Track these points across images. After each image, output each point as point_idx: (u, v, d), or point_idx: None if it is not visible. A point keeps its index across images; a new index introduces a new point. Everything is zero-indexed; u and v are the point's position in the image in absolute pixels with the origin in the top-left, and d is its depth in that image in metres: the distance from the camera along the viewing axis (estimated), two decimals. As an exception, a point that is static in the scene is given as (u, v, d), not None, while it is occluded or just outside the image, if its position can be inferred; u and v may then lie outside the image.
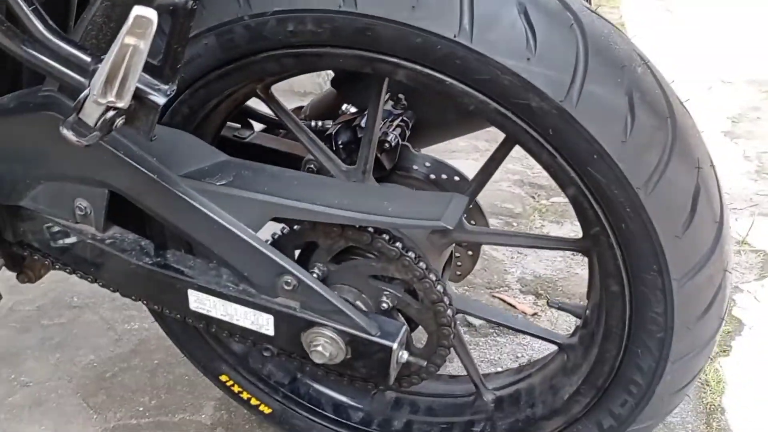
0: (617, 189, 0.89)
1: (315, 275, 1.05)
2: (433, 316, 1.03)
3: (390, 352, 0.98)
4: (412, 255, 1.00)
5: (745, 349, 1.78)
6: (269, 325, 1.03)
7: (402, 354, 1.01)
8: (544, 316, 1.99)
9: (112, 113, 0.80)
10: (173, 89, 0.83)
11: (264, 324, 1.03)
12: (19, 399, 1.57)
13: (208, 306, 1.05)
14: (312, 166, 1.18)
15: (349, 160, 1.19)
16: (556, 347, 1.19)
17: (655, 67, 0.92)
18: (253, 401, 1.35)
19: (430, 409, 1.29)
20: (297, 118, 1.14)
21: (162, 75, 0.82)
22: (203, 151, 1.04)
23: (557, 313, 1.99)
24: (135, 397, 1.58)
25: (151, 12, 0.73)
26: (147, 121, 0.83)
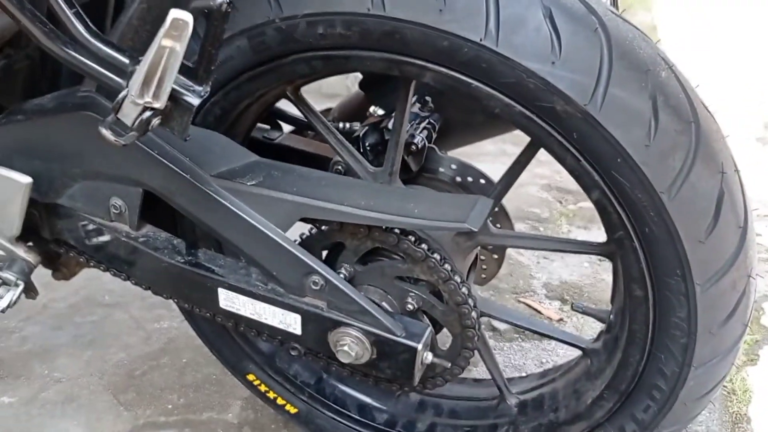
0: (641, 193, 0.89)
1: (342, 276, 1.06)
2: (458, 318, 1.04)
3: (415, 353, 0.99)
4: (437, 257, 1.01)
5: (773, 359, 1.77)
6: (297, 325, 1.05)
7: (427, 355, 1.02)
8: (569, 321, 1.99)
9: (148, 114, 0.82)
10: (207, 90, 0.85)
11: (292, 323, 1.05)
12: (52, 395, 1.60)
13: (237, 304, 1.07)
14: (339, 167, 1.20)
15: (377, 161, 1.20)
16: (580, 352, 1.20)
17: (680, 71, 0.92)
18: (280, 401, 1.37)
19: (453, 412, 1.30)
20: (325, 119, 1.16)
21: (196, 76, 0.84)
22: (234, 152, 1.07)
23: (583, 320, 1.98)
24: (164, 395, 1.61)
25: (187, 15, 0.75)
26: (182, 122, 0.85)
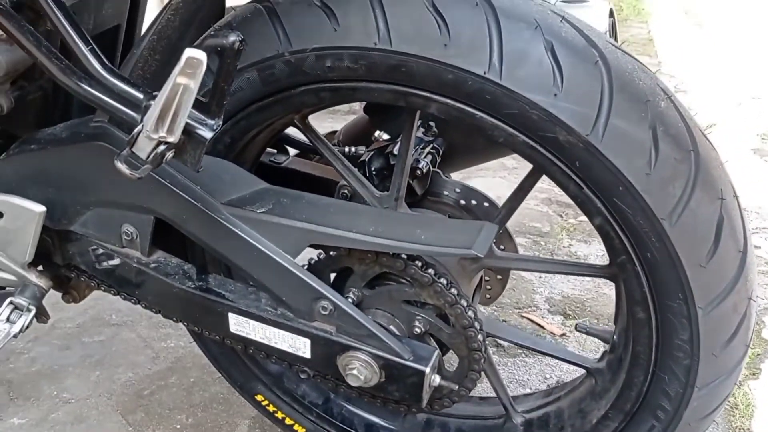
0: (642, 219, 0.92)
1: (350, 300, 1.08)
2: (465, 341, 1.06)
3: (423, 376, 1.01)
4: (444, 281, 1.03)
5: (775, 373, 1.78)
6: (306, 349, 1.07)
7: (434, 378, 1.04)
8: (572, 336, 2.01)
9: (163, 147, 0.85)
10: (219, 124, 0.87)
11: (301, 347, 1.07)
12: (62, 416, 1.62)
13: (247, 329, 1.09)
14: (346, 191, 1.22)
15: (382, 185, 1.23)
16: (582, 369, 1.21)
17: (678, 101, 0.95)
18: (288, 421, 1.38)
19: (460, 431, 1.31)
20: (332, 146, 1.18)
21: (209, 111, 0.86)
22: (244, 179, 1.09)
23: (585, 335, 2.00)
24: (172, 415, 1.63)
25: (201, 54, 0.78)
26: (195, 154, 0.88)
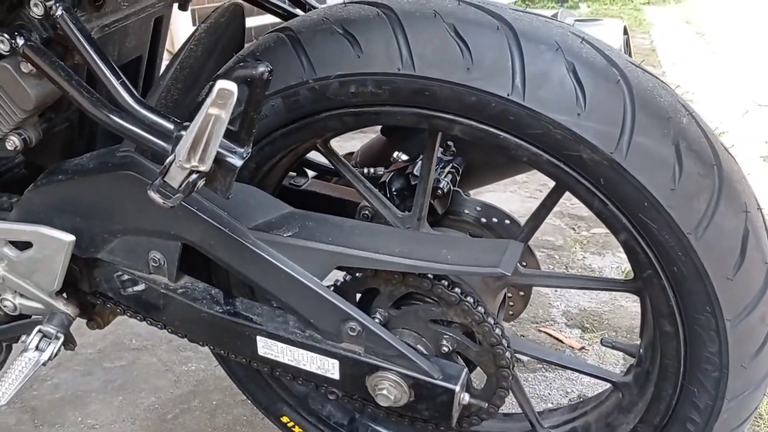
0: (668, 234, 0.92)
1: (377, 320, 1.09)
2: (493, 358, 1.06)
3: (453, 394, 1.02)
4: (470, 300, 1.04)
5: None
6: (335, 370, 1.07)
7: (464, 396, 1.05)
8: (591, 350, 2.01)
9: (194, 176, 0.86)
10: (248, 152, 0.89)
11: (330, 368, 1.08)
12: (87, 441, 1.63)
13: (275, 351, 1.10)
14: (367, 212, 1.23)
15: (403, 206, 1.24)
16: (607, 383, 1.22)
17: (700, 117, 0.96)
18: (314, 441, 1.39)
19: (486, 447, 1.32)
20: (353, 168, 1.19)
21: (238, 139, 0.88)
22: (269, 204, 1.10)
23: (604, 348, 2.00)
24: (197, 438, 1.64)
25: (233, 85, 0.79)
26: (225, 182, 0.89)
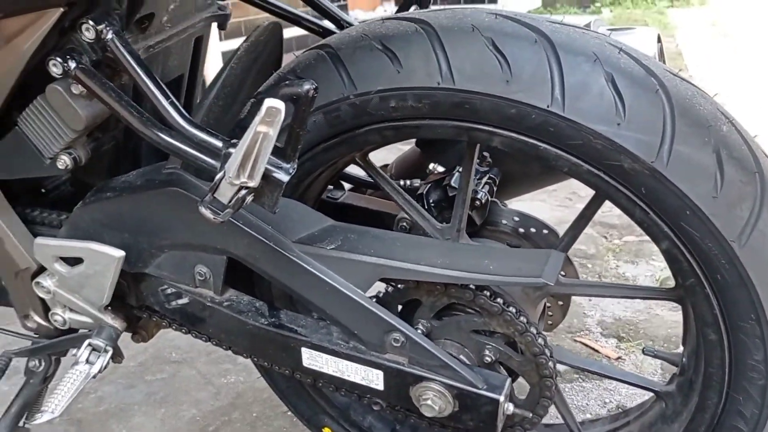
0: (711, 242, 0.93)
1: (419, 331, 1.10)
2: (536, 368, 1.07)
3: (497, 404, 1.02)
4: (513, 310, 1.05)
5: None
6: (379, 380, 1.09)
7: (508, 406, 1.06)
8: (628, 359, 2.00)
9: (243, 192, 0.88)
10: (294, 167, 0.91)
11: (374, 379, 1.09)
12: (131, 453, 1.66)
13: (320, 363, 1.11)
14: (404, 224, 1.25)
15: (440, 217, 1.25)
16: (644, 392, 1.21)
17: (740, 124, 0.96)
18: (355, 452, 1.40)
19: (528, 458, 1.32)
20: (392, 181, 1.21)
21: (285, 155, 0.90)
22: (311, 217, 1.13)
23: (641, 357, 1.99)
24: (238, 450, 1.66)
25: (280, 103, 0.82)
26: (272, 197, 0.91)
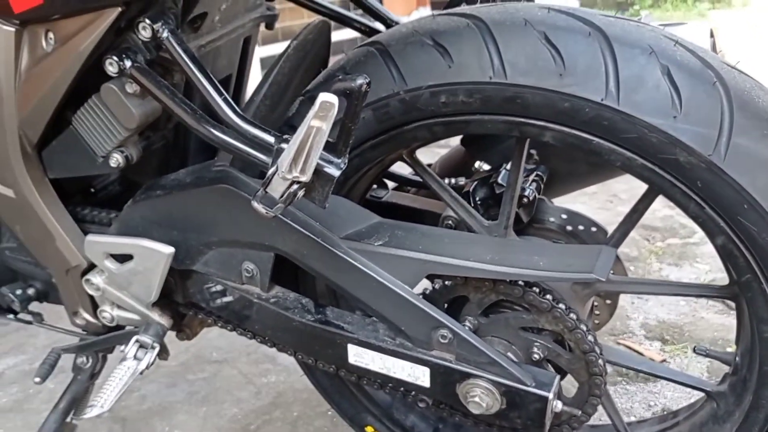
0: (770, 237, 0.91)
1: (467, 328, 1.09)
2: (585, 365, 1.06)
3: (546, 402, 1.01)
4: (562, 306, 1.04)
5: None
6: (425, 377, 1.08)
7: (556, 404, 1.04)
8: (673, 362, 1.96)
9: (295, 187, 0.89)
10: (345, 162, 0.91)
11: (420, 376, 1.08)
12: (175, 450, 1.68)
13: (366, 359, 1.11)
14: (450, 222, 1.24)
15: (486, 215, 1.24)
16: (689, 396, 1.19)
17: (800, 117, 0.94)
18: (398, 451, 1.40)
19: (574, 459, 1.30)
20: (439, 178, 1.20)
21: (336, 150, 0.90)
22: (358, 214, 1.12)
23: (686, 360, 1.96)
24: (280, 449, 1.66)
25: (334, 98, 0.82)
26: (323, 192, 0.91)
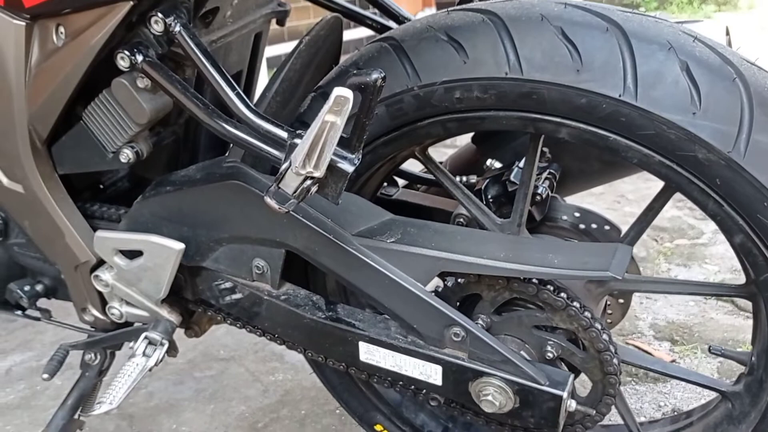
0: (790, 235, 0.90)
1: (480, 326, 1.08)
2: (600, 364, 1.04)
3: (560, 401, 1.00)
4: (577, 305, 1.03)
5: None
6: (437, 375, 1.07)
7: (570, 403, 1.03)
8: (682, 363, 1.95)
9: (309, 182, 0.88)
10: (359, 158, 0.90)
11: (432, 374, 1.07)
12: (182, 448, 1.67)
13: (377, 357, 1.10)
14: (462, 220, 1.23)
15: (499, 213, 1.23)
16: (700, 396, 1.17)
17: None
18: (408, 449, 1.38)
19: (585, 459, 1.29)
20: (452, 176, 1.19)
21: (350, 145, 0.89)
22: (370, 211, 1.11)
23: (696, 360, 1.94)
24: (288, 447, 1.65)
25: (349, 92, 0.81)
26: (336, 188, 0.90)
